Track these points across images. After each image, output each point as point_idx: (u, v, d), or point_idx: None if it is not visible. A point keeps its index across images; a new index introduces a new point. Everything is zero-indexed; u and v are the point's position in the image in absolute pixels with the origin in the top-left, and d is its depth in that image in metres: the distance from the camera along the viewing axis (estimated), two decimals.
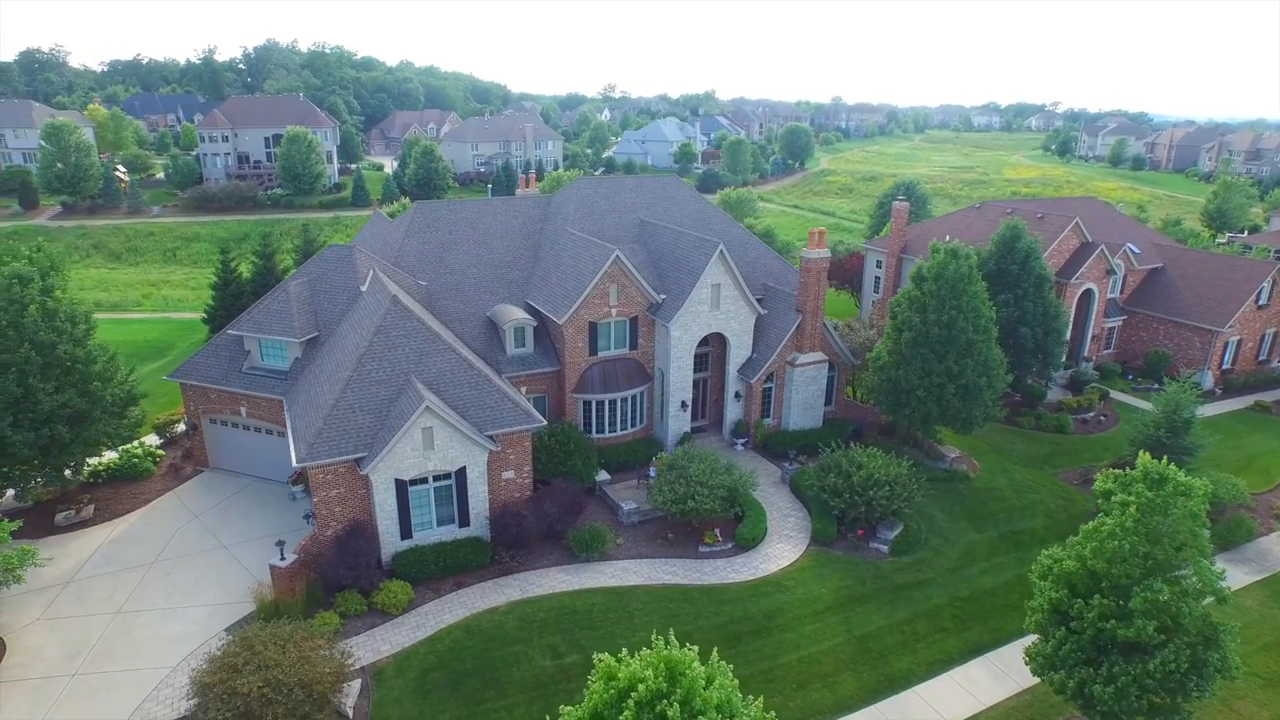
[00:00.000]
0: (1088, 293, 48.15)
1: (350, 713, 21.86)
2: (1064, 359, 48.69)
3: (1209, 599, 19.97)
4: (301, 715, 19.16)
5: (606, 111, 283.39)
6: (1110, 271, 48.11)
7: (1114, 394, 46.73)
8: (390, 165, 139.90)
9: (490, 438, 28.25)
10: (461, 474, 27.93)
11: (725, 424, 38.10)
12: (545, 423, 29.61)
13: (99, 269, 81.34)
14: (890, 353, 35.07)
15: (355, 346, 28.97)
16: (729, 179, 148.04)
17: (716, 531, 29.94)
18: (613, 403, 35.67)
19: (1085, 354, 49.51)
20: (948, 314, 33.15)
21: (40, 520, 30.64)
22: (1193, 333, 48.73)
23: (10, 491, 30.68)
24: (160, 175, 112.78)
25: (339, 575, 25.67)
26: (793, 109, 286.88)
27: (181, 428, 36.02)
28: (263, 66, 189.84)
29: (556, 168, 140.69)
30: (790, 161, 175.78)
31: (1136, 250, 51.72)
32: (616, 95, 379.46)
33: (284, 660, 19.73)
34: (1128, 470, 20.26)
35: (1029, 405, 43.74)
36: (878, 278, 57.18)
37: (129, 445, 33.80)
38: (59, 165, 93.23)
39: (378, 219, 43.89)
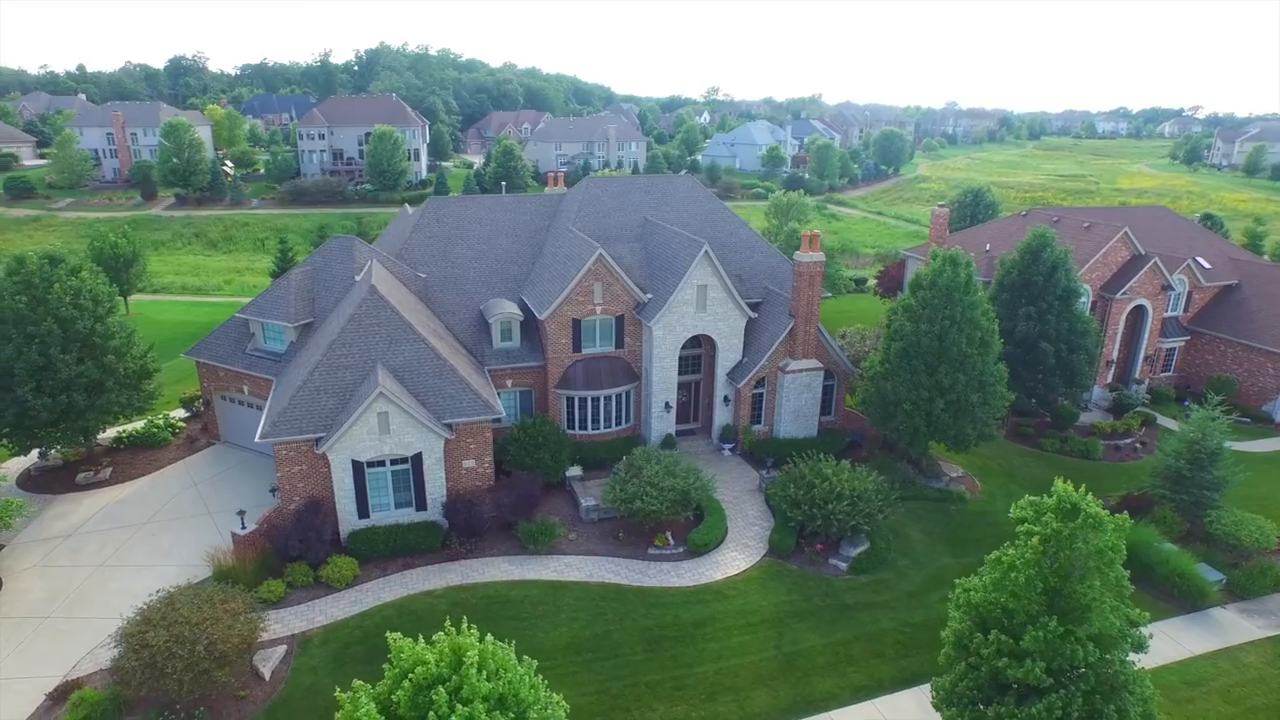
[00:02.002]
0: (1139, 309, 44.38)
1: (268, 675, 23.04)
2: (1110, 379, 45.18)
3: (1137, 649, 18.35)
4: (201, 671, 20.34)
5: (706, 114, 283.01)
6: (1167, 287, 44.15)
7: (1163, 420, 42.87)
8: (480, 163, 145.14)
9: (448, 426, 29.05)
10: (418, 459, 28.84)
11: (714, 428, 37.54)
12: (503, 414, 30.17)
13: (196, 255, 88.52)
14: (881, 362, 33.65)
15: (331, 332, 30.45)
16: (815, 184, 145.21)
17: (668, 534, 29.61)
18: (595, 400, 35.82)
19: (1136, 375, 45.64)
20: (940, 324, 31.49)
21: (65, 478, 33.82)
22: (1265, 358, 44.07)
23: (35, 452, 33.89)
24: (262, 170, 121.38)
25: (290, 547, 27.07)
26: (898, 114, 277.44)
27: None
28: (372, 69, 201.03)
29: (636, 168, 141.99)
30: (884, 167, 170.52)
31: (1205, 265, 47.25)
32: (719, 98, 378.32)
33: (194, 619, 21.05)
34: (1044, 497, 18.68)
35: (1057, 427, 40.80)
36: None
37: (152, 416, 36.82)
38: (175, 160, 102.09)
39: (404, 215, 45.76)
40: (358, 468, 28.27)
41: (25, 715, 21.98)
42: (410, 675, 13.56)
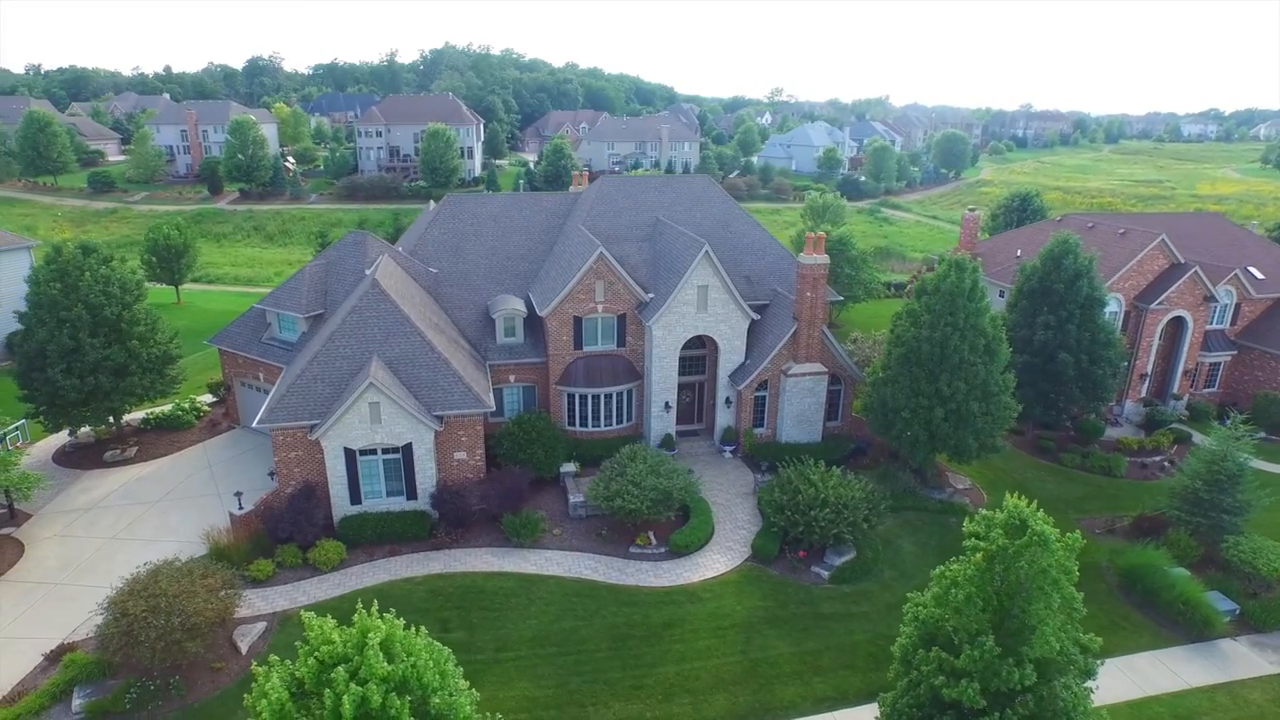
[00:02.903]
0: (1178, 321, 42.15)
1: (245, 650, 24.06)
2: (1144, 393, 43.05)
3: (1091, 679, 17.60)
4: (173, 641, 21.39)
5: (767, 115, 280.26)
6: (1209, 298, 41.79)
7: (1199, 438, 40.53)
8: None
9: (438, 418, 29.70)
10: (408, 449, 29.58)
11: (716, 430, 37.32)
12: (493, 408, 30.63)
13: (254, 248, 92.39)
14: (883, 368, 32.92)
15: (334, 324, 31.48)
16: (870, 186, 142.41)
17: (650, 534, 29.61)
18: (595, 397, 36.03)
19: (1175, 390, 43.35)
20: (942, 330, 30.61)
21: (95, 455, 35.89)
22: None
23: (66, 431, 36.04)
24: (321, 167, 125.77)
25: (280, 529, 28.13)
26: (965, 116, 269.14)
27: None
28: (436, 68, 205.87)
29: (688, 168, 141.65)
30: (944, 170, 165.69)
31: (1258, 275, 44.54)
32: (783, 99, 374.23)
33: (171, 591, 22.14)
34: (996, 512, 18.02)
35: (1080, 441, 39.12)
36: None
37: (178, 400, 38.75)
38: (239, 156, 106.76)
39: (428, 211, 46.84)
40: (350, 455, 29.16)
41: (24, 672, 23.49)
42: (316, 653, 14.02)
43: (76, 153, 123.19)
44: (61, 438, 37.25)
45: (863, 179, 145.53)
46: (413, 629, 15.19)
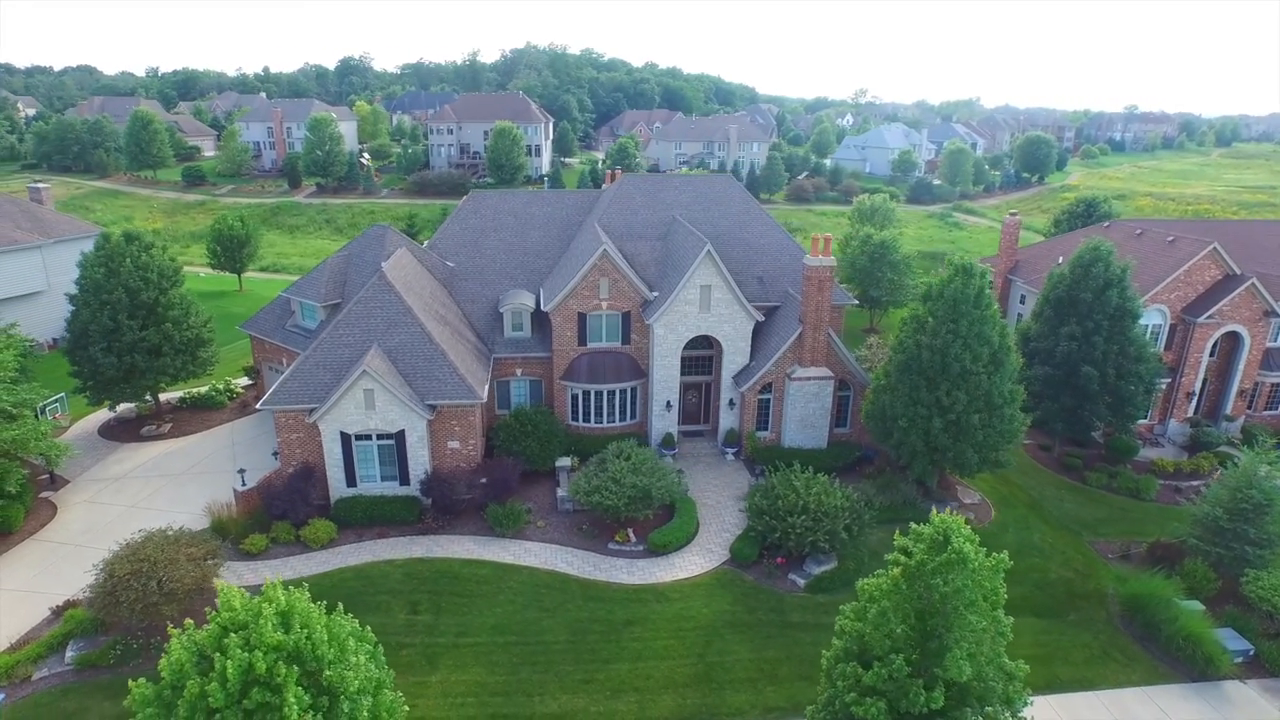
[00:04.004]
0: (1233, 337, 39.18)
1: None
2: (1191, 413, 40.21)
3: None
4: (150, 604, 22.84)
5: (849, 116, 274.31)
6: (1270, 313, 38.65)
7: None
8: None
9: (430, 407, 30.58)
10: (401, 436, 30.57)
11: (720, 431, 36.99)
12: (484, 399, 31.27)
13: (324, 239, 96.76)
14: (884, 375, 31.96)
15: (340, 313, 32.81)
16: (945, 190, 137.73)
17: (630, 531, 29.63)
18: (599, 394, 36.28)
19: (1227, 411, 40.31)
20: (943, 338, 29.49)
21: (134, 430, 38.53)
22: None
23: (108, 406, 38.76)
24: (394, 163, 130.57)
25: (276, 507, 29.56)
26: (1058, 118, 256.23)
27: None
28: (515, 68, 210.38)
29: (753, 169, 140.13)
30: (1026, 175, 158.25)
31: None
32: (867, 100, 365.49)
33: (155, 557, 23.63)
34: (924, 526, 17.34)
35: (1110, 460, 36.92)
36: None
37: (214, 381, 41.12)
38: (317, 152, 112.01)
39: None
40: (346, 439, 30.34)
41: (33, 624, 25.50)
42: (219, 618, 14.80)
43: (175, 148, 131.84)
44: (105, 415, 40.10)
45: (937, 182, 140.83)
46: (317, 605, 15.80)
